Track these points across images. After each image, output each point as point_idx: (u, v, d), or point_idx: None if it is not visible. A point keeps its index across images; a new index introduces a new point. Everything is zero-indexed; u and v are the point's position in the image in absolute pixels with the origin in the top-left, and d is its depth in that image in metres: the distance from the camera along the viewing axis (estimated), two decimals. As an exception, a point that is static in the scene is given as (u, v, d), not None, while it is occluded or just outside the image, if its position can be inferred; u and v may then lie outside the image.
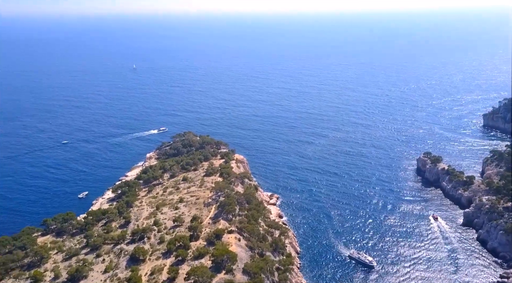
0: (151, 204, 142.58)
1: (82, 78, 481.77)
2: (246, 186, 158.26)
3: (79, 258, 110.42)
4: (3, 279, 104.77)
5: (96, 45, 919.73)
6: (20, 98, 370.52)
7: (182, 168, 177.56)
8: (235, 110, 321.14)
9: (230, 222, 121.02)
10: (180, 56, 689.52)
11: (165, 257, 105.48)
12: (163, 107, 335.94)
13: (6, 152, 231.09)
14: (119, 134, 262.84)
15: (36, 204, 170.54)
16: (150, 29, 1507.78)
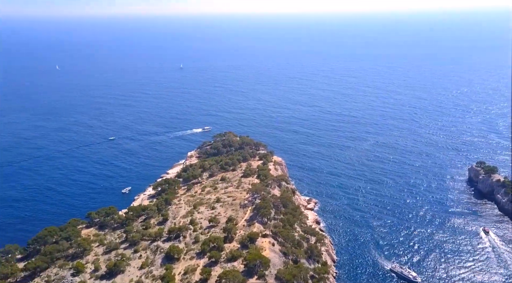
0: (189, 203, 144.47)
1: (131, 77, 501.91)
2: (283, 189, 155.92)
3: (118, 252, 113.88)
4: (49, 268, 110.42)
5: (145, 45, 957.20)
6: (72, 96, 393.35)
7: (221, 167, 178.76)
8: (275, 112, 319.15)
9: (265, 226, 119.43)
10: (225, 57, 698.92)
11: (199, 257, 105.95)
12: (206, 107, 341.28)
13: (59, 146, 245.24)
14: (163, 132, 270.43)
15: (83, 197, 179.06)
16: (195, 30, 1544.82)
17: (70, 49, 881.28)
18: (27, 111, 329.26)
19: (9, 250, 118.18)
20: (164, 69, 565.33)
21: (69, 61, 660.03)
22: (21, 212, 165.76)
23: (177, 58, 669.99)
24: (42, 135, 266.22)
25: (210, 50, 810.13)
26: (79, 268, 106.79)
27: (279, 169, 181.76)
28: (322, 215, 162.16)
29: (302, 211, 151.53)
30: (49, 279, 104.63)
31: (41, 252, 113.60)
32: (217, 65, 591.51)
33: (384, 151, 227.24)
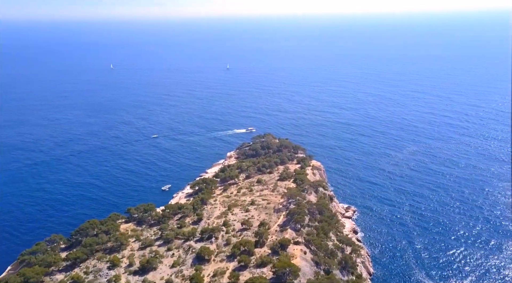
0: (224, 203, 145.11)
1: (176, 77, 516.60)
2: (320, 195, 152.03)
3: (152, 249, 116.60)
4: (88, 259, 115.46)
5: (192, 46, 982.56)
6: (121, 94, 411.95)
7: (258, 169, 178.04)
8: (317, 115, 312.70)
9: (298, 233, 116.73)
10: (270, 58, 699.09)
11: (229, 260, 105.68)
12: (250, 108, 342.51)
13: (105, 143, 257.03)
14: (205, 132, 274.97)
15: (124, 192, 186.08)
16: (243, 31, 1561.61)
17: (121, 48, 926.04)
18: (79, 108, 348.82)
19: (54, 240, 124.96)
20: (210, 70, 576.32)
21: (122, 61, 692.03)
22: (67, 204, 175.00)
23: (224, 58, 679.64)
24: (90, 132, 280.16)
25: (257, 51, 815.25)
26: (115, 262, 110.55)
27: (317, 174, 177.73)
28: (360, 224, 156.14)
29: (339, 219, 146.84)
30: (87, 270, 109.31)
31: (82, 244, 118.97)
32: (263, 67, 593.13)
33: (430, 161, 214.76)
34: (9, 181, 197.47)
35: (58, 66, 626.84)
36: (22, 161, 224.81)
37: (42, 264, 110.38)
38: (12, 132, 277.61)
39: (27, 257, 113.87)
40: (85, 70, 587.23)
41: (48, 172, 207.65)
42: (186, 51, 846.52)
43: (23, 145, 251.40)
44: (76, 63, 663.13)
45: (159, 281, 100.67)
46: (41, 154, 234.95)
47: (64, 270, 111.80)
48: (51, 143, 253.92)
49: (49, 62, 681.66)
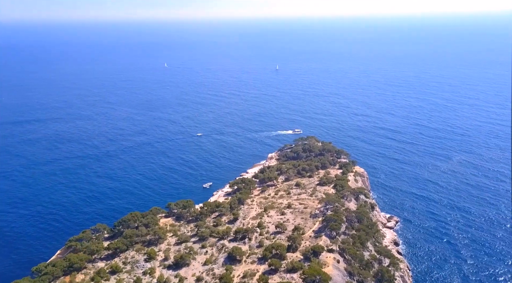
0: (260, 205, 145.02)
1: (224, 77, 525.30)
2: (361, 203, 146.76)
3: (187, 245, 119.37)
4: (127, 250, 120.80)
5: (240, 46, 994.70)
6: (170, 91, 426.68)
7: (298, 172, 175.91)
8: (364, 120, 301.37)
9: (333, 240, 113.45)
10: (320, 60, 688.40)
11: (260, 262, 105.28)
12: (297, 109, 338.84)
13: (152, 139, 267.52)
14: (250, 132, 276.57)
15: (167, 188, 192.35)
16: (293, 32, 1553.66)
17: (177, 48, 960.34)
18: (130, 105, 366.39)
19: (98, 229, 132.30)
20: (259, 70, 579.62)
21: (176, 60, 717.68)
22: (113, 197, 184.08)
23: (274, 59, 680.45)
24: (138, 128, 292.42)
25: (307, 53, 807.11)
26: (151, 255, 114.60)
27: (359, 180, 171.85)
28: (402, 236, 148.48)
29: (379, 229, 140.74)
30: (126, 260, 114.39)
31: (123, 235, 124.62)
32: (313, 68, 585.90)
33: (483, 174, 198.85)
34: (62, 172, 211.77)
35: (117, 65, 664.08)
36: (75, 152, 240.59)
37: (86, 251, 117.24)
38: (69, 126, 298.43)
39: (74, 244, 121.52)
40: (141, 68, 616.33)
41: (97, 166, 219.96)
42: (235, 52, 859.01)
43: (77, 137, 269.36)
44: (134, 62, 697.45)
45: (190, 278, 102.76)
46: (92, 147, 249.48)
47: (105, 258, 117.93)
48: (102, 137, 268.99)
49: (111, 61, 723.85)
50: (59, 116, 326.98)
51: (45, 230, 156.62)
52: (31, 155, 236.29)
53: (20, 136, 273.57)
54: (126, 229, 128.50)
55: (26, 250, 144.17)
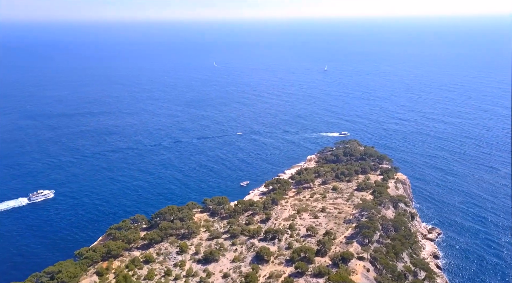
0: (294, 206, 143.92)
1: (269, 77, 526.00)
2: (399, 211, 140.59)
3: (218, 241, 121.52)
4: (162, 241, 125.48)
5: (289, 46, 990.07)
6: (215, 90, 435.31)
7: (336, 176, 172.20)
8: (411, 126, 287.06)
9: (364, 248, 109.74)
10: (371, 61, 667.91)
11: (287, 264, 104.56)
12: (343, 111, 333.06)
13: (194, 135, 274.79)
14: (293, 132, 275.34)
15: (205, 183, 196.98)
16: (342, 32, 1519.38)
17: (226, 48, 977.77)
18: (174, 102, 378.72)
19: (137, 219, 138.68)
20: (306, 71, 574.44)
21: (225, 59, 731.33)
22: (152, 190, 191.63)
23: (323, 60, 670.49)
24: (181, 125, 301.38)
25: (357, 54, 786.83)
26: (183, 248, 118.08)
27: (401, 188, 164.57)
28: (443, 249, 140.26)
29: (418, 240, 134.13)
30: (159, 251, 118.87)
31: (159, 227, 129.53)
32: (360, 70, 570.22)
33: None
34: (108, 164, 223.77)
35: (169, 63, 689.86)
36: (120, 146, 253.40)
37: (124, 240, 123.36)
38: (117, 120, 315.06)
39: (113, 232, 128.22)
40: (191, 67, 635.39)
41: (140, 160, 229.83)
42: (283, 52, 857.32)
43: (124, 132, 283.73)
44: (185, 61, 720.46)
45: (217, 273, 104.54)
46: (136, 142, 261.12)
47: (141, 248, 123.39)
48: (146, 133, 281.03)
49: (163, 59, 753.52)
50: (109, 110, 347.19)
51: (90, 217, 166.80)
52: (81, 146, 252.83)
53: (72, 128, 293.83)
54: (162, 221, 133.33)
55: (72, 235, 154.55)
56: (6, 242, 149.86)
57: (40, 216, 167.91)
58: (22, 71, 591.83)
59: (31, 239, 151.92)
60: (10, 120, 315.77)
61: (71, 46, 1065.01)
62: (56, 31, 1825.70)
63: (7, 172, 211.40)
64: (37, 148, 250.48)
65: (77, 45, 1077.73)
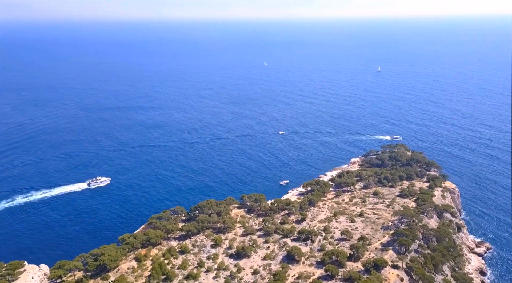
0: (331, 209, 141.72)
1: (317, 77, 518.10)
2: (444, 222, 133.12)
3: (252, 238, 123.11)
4: (198, 234, 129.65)
5: (341, 46, 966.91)
6: (262, 89, 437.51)
7: (379, 181, 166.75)
8: (469, 133, 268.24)
9: (400, 256, 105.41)
10: (429, 62, 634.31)
11: (317, 266, 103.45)
12: (393, 114, 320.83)
13: (238, 132, 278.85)
14: (338, 134, 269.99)
15: (245, 180, 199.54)
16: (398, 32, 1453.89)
17: (278, 47, 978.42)
18: (220, 100, 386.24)
19: (177, 210, 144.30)
20: (357, 71, 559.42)
21: (275, 58, 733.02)
22: (195, 183, 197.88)
23: (376, 61, 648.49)
24: (224, 121, 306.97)
25: (413, 54, 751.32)
26: (218, 242, 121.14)
27: (448, 197, 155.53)
28: (492, 266, 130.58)
29: (463, 253, 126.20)
30: (195, 243, 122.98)
31: (196, 219, 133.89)
32: (415, 72, 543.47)
33: None
34: (152, 157, 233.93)
35: (220, 61, 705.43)
36: (164, 140, 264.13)
37: (163, 229, 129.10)
38: (164, 115, 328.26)
39: (154, 221, 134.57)
40: (241, 66, 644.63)
41: (182, 154, 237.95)
42: (335, 52, 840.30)
43: (168, 126, 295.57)
44: (236, 59, 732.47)
45: (248, 269, 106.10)
46: (180, 137, 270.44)
47: (178, 238, 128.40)
48: (190, 128, 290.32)
49: (214, 57, 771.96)
50: (158, 105, 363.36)
51: (135, 206, 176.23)
52: (128, 138, 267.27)
53: (121, 121, 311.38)
54: (200, 215, 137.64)
55: (118, 221, 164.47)
56: (61, 223, 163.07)
57: (93, 201, 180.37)
58: (88, 66, 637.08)
59: (83, 221, 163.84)
60: (68, 111, 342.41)
61: (129, 44, 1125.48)
62: (116, 30, 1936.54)
63: (66, 159, 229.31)
64: (91, 138, 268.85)
65: (135, 43, 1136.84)
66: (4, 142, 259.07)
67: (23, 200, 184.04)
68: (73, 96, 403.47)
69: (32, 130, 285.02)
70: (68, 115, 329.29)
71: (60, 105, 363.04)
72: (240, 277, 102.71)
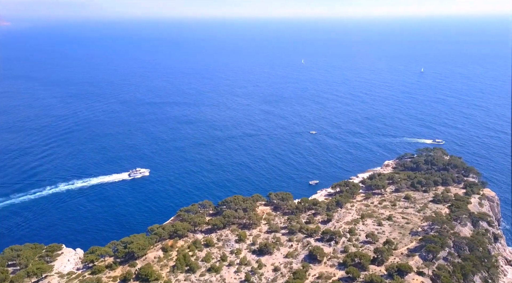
0: (359, 211, 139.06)
1: (357, 76, 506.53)
2: (479, 231, 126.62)
3: (276, 235, 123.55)
4: (224, 228, 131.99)
5: (382, 45, 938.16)
6: (299, 88, 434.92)
7: (411, 185, 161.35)
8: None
9: (426, 263, 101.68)
10: (476, 64, 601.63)
11: (339, 267, 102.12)
12: (434, 118, 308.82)
13: (271, 130, 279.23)
14: (372, 135, 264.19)
15: (271, 179, 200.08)
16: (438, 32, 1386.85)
17: (318, 45, 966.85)
18: (252, 98, 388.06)
19: (205, 204, 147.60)
20: (400, 72, 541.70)
21: (314, 57, 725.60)
22: (223, 179, 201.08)
23: (420, 61, 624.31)
24: (257, 119, 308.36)
25: (459, 55, 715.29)
26: (242, 237, 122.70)
27: (486, 205, 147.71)
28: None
29: (498, 265, 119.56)
30: (219, 237, 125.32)
31: (223, 214, 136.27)
32: (464, 73, 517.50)
33: None
34: (183, 152, 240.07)
35: (256, 59, 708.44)
36: (195, 135, 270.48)
37: (191, 222, 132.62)
38: (195, 111, 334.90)
39: (182, 214, 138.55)
40: (278, 64, 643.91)
41: (213, 149, 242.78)
42: (377, 51, 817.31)
43: (200, 122, 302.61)
44: (273, 58, 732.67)
45: (269, 266, 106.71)
46: (211, 133, 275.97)
47: (204, 231, 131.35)
48: (220, 125, 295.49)
49: (251, 55, 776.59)
50: (192, 102, 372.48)
51: (167, 198, 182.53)
52: (162, 133, 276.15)
53: (156, 115, 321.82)
54: (227, 210, 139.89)
55: (148, 213, 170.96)
56: (97, 211, 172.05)
57: (128, 193, 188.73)
58: (130, 62, 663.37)
59: (116, 211, 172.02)
60: (108, 106, 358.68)
61: (174, 41, 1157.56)
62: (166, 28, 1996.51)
63: (103, 151, 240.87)
64: (127, 131, 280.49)
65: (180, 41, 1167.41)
66: (50, 132, 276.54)
67: (65, 188, 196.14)
68: (113, 91, 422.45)
69: (74, 122, 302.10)
70: (108, 109, 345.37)
71: (102, 100, 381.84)
72: (260, 273, 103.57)
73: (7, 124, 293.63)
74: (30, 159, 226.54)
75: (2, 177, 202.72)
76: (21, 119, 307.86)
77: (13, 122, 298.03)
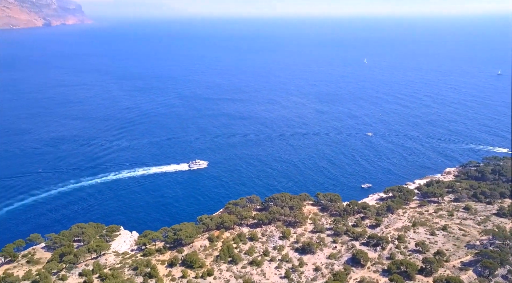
0: (411, 218, 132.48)
1: (421, 76, 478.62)
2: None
3: (320, 236, 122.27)
4: (269, 224, 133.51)
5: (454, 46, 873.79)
6: (358, 88, 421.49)
7: (474, 195, 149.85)
8: None
9: (481, 279, 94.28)
10: None
11: (383, 274, 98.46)
12: (507, 125, 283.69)
13: (318, 130, 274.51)
14: (434, 140, 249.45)
15: (321, 180, 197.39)
16: None
17: (383, 44, 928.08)
18: (307, 97, 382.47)
19: (253, 199, 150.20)
20: (471, 74, 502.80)
21: (378, 56, 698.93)
22: (273, 175, 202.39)
23: (496, 62, 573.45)
24: (311, 118, 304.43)
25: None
26: (286, 234, 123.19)
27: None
28: None
29: None
30: (264, 232, 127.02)
31: (269, 210, 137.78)
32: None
33: None
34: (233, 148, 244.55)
35: (316, 56, 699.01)
36: (246, 131, 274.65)
37: (237, 215, 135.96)
38: (248, 107, 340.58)
39: (230, 206, 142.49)
40: (337, 63, 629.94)
41: (264, 146, 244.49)
42: (449, 51, 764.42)
43: (252, 118, 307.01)
44: (333, 56, 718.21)
45: (310, 265, 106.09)
46: (264, 130, 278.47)
47: (250, 225, 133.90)
48: (273, 123, 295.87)
49: (312, 54, 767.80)
50: (247, 98, 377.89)
51: (218, 191, 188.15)
52: (215, 128, 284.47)
53: (211, 111, 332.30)
54: (273, 206, 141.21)
55: (198, 205, 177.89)
56: (155, 198, 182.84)
57: (185, 183, 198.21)
58: (194, 59, 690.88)
59: (174, 200, 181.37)
60: (168, 100, 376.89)
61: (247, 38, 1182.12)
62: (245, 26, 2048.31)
63: (161, 143, 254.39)
64: (184, 125, 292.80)
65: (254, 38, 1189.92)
66: (115, 123, 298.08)
67: (127, 174, 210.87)
68: (175, 86, 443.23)
69: (136, 114, 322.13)
70: (168, 103, 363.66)
71: (164, 94, 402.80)
72: (301, 271, 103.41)
73: (82, 113, 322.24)
74: (97, 146, 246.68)
75: (75, 162, 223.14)
76: (95, 108, 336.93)
77: (87, 112, 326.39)
